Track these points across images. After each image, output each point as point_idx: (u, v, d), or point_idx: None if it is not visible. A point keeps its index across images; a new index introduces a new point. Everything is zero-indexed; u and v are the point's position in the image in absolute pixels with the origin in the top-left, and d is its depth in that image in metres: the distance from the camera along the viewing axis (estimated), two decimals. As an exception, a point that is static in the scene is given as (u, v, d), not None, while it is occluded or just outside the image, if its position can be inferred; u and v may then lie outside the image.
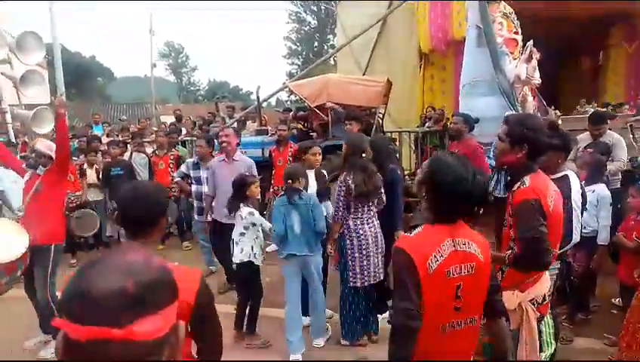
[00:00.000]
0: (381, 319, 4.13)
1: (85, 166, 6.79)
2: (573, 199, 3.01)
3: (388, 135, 7.79)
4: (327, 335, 4.07)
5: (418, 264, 1.66)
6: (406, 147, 8.45)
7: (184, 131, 9.87)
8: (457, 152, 4.22)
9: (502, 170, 4.69)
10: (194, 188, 5.54)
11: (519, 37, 5.70)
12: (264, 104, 9.94)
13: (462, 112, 5.34)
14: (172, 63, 52.43)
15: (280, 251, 3.91)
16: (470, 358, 1.88)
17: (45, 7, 8.18)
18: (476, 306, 1.81)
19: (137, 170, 6.99)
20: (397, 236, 4.10)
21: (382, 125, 7.78)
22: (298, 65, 41.28)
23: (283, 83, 10.30)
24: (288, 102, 27.08)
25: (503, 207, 2.39)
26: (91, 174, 6.81)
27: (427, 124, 8.87)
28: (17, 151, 6.08)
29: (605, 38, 11.20)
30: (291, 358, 3.76)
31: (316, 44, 42.85)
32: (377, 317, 4.11)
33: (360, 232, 3.78)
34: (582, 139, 5.12)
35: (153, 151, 7.46)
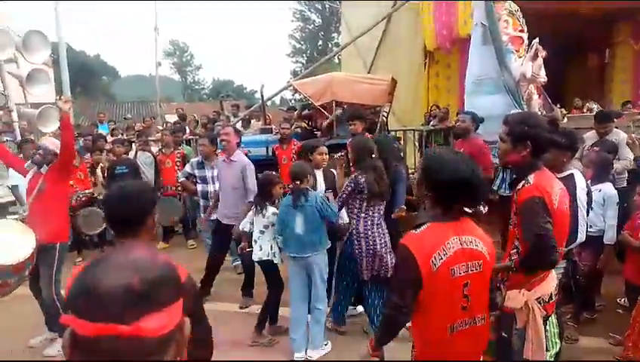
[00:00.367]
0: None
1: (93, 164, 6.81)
2: (578, 198, 2.99)
3: (392, 133, 7.77)
4: (324, 350, 3.83)
5: (420, 262, 1.66)
6: (410, 145, 8.43)
7: (187, 130, 9.87)
8: (462, 151, 4.20)
9: (507, 169, 4.69)
10: (199, 187, 5.54)
11: (525, 35, 5.68)
12: (268, 103, 9.93)
13: (469, 110, 5.32)
14: (177, 62, 52.57)
15: (283, 250, 3.91)
16: (480, 358, 1.88)
17: (50, 6, 8.20)
18: (483, 305, 1.80)
19: (142, 169, 7.01)
20: (397, 210, 4.19)
21: (386, 124, 7.76)
22: (302, 63, 41.27)
23: (287, 81, 10.28)
24: (292, 100, 27.05)
25: (509, 206, 2.37)
26: (97, 173, 6.83)
27: (432, 123, 8.84)
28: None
29: (611, 36, 11.10)
30: (295, 356, 3.74)
31: (320, 43, 42.81)
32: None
33: (369, 234, 3.71)
34: (588, 137, 5.09)
35: (159, 149, 7.47)
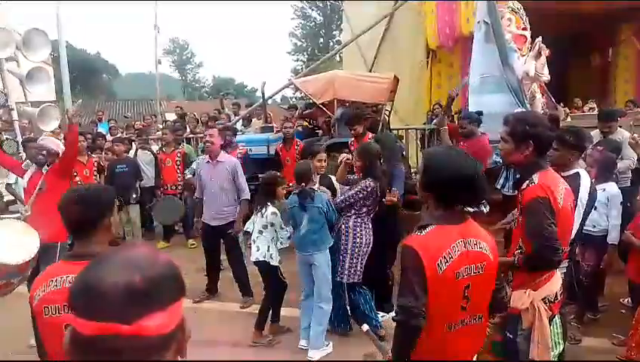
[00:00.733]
0: (387, 318, 4.10)
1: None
2: (580, 197, 2.97)
3: (394, 132, 7.75)
4: (325, 350, 3.79)
5: (427, 264, 1.64)
6: (412, 144, 8.40)
7: (188, 129, 9.85)
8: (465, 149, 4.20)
9: (511, 168, 4.66)
10: None
11: (528, 33, 5.65)
12: (269, 101, 9.90)
13: (467, 113, 5.36)
14: (177, 60, 52.54)
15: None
16: (475, 356, 1.87)
17: (51, 4, 8.20)
18: (483, 305, 1.80)
19: (143, 168, 6.99)
20: (393, 193, 4.15)
21: (388, 122, 7.74)
22: (303, 61, 41.24)
23: (288, 79, 10.25)
24: (294, 98, 27.03)
25: (512, 206, 2.36)
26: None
27: (434, 121, 8.80)
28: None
29: (615, 35, 11.08)
30: (300, 344, 3.86)
31: (322, 41, 42.79)
32: (375, 313, 4.05)
33: (357, 231, 3.84)
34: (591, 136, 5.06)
35: (160, 148, 7.45)
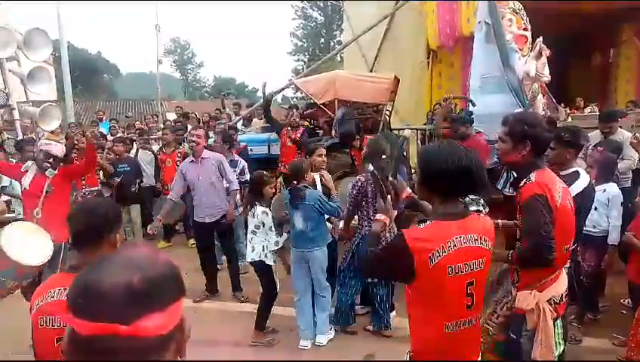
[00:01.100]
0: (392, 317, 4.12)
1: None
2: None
3: (395, 132, 7.74)
4: (330, 334, 4.03)
5: (415, 254, 1.63)
6: (413, 144, 8.39)
7: (189, 129, 9.84)
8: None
9: (511, 169, 4.65)
10: None
11: (528, 33, 5.63)
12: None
13: (457, 116, 5.59)
14: (178, 60, 52.51)
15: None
16: (478, 357, 1.86)
17: (51, 4, 8.21)
18: (482, 302, 1.80)
19: (143, 167, 6.99)
20: (400, 183, 4.19)
21: (389, 122, 7.73)
22: (304, 61, 41.22)
23: (289, 79, 10.24)
24: (294, 98, 27.01)
25: (513, 206, 2.36)
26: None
27: (428, 128, 8.78)
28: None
29: (616, 35, 11.06)
30: (300, 344, 3.89)
31: (322, 41, 42.76)
32: (388, 313, 4.07)
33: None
34: (592, 137, 5.05)
35: (160, 148, 7.45)
